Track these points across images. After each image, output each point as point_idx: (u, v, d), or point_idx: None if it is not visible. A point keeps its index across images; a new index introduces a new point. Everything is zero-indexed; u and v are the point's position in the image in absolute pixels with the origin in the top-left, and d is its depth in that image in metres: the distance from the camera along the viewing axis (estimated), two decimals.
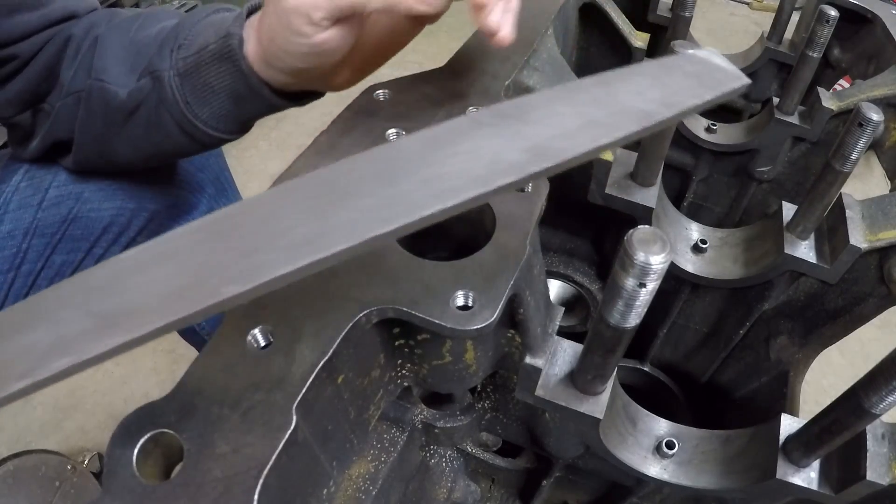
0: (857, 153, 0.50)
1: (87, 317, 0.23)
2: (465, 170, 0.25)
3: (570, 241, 0.71)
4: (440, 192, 0.24)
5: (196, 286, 0.22)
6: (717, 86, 0.30)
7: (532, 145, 0.26)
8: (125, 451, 0.26)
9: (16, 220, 0.71)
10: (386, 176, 0.24)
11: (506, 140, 0.26)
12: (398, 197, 0.24)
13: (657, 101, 0.29)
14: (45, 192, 0.72)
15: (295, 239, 0.22)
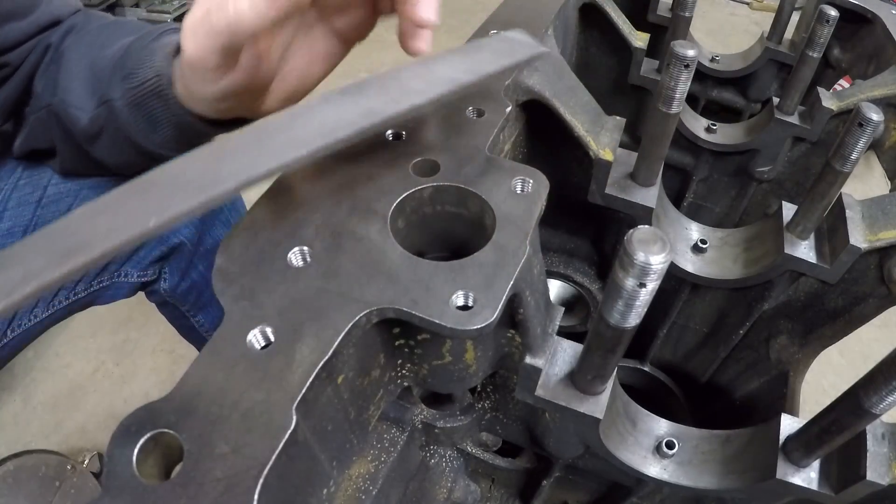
0: (857, 153, 0.50)
1: (48, 254, 0.30)
2: (314, 129, 0.34)
3: (570, 241, 0.71)
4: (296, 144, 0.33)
5: (128, 223, 0.30)
6: (514, 54, 0.39)
7: (366, 109, 0.35)
8: (125, 451, 0.26)
9: (15, 217, 0.71)
10: (259, 140, 0.34)
11: (347, 108, 0.35)
12: (267, 151, 0.33)
13: (463, 70, 0.38)
14: (43, 189, 0.73)
15: (196, 184, 0.31)
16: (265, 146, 0.33)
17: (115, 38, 0.59)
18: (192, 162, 0.33)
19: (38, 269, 0.30)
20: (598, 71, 0.84)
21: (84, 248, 0.30)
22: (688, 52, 0.45)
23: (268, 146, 0.33)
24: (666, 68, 0.47)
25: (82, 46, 0.60)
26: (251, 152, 0.33)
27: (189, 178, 0.32)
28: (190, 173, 0.32)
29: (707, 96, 0.97)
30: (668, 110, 0.50)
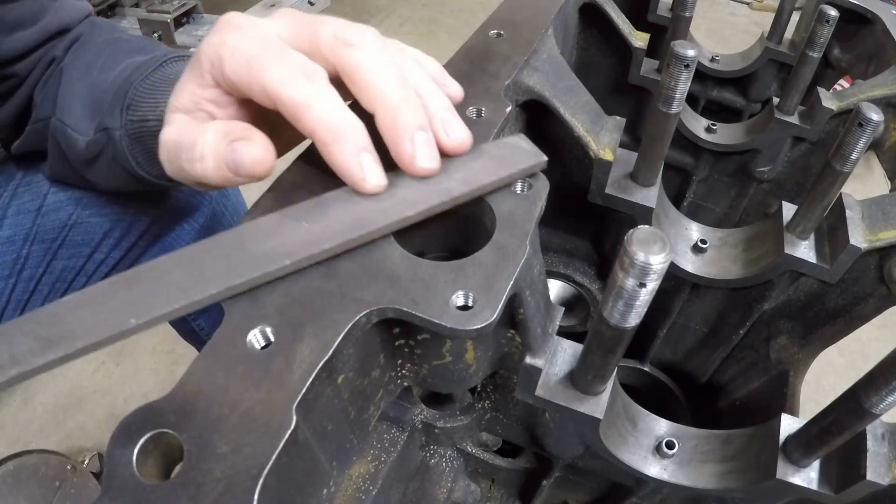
0: (857, 153, 0.50)
1: (34, 340, 0.31)
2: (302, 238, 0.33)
3: (570, 241, 0.71)
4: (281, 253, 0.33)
5: (110, 319, 0.31)
6: (515, 164, 0.37)
7: (354, 219, 0.34)
8: (125, 451, 0.26)
9: (15, 225, 0.71)
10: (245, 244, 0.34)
11: (336, 216, 0.34)
12: (252, 257, 0.33)
13: (459, 179, 0.36)
14: (43, 197, 0.72)
15: (180, 286, 0.32)
16: (250, 251, 0.33)
17: (117, 60, 0.58)
18: (179, 261, 0.33)
19: (22, 354, 0.30)
20: (598, 71, 0.84)
21: (68, 338, 0.31)
22: (688, 52, 0.45)
23: (253, 251, 0.33)
24: (666, 68, 0.47)
25: (83, 65, 0.59)
26: (236, 257, 0.33)
27: (174, 280, 0.32)
28: (176, 274, 0.33)
29: (707, 96, 0.97)
30: (668, 110, 0.50)
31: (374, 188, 0.35)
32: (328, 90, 0.35)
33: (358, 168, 0.34)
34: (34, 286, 0.73)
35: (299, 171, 0.40)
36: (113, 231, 0.77)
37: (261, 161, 0.36)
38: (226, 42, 0.36)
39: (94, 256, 0.76)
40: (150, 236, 0.80)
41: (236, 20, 0.37)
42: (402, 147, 0.35)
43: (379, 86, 0.35)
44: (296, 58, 0.36)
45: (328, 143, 0.34)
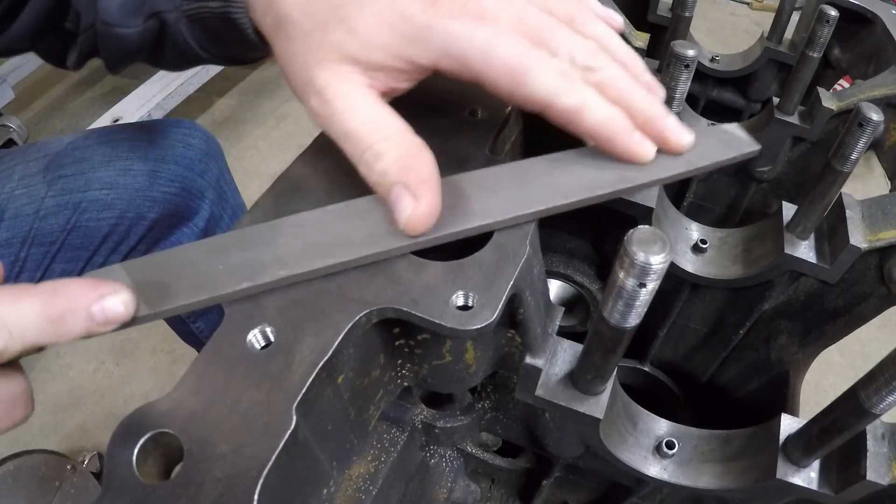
0: (857, 153, 0.50)
1: (301, 244, 0.31)
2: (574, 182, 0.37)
3: (570, 241, 0.70)
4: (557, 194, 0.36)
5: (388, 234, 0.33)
6: (733, 150, 0.39)
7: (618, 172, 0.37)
8: (125, 451, 0.26)
9: (12, 228, 0.71)
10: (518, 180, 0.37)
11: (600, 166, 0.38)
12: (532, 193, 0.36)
13: (697, 154, 0.38)
14: (41, 200, 0.72)
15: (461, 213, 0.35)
16: (529, 189, 0.36)
17: None
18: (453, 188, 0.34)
19: (290, 257, 0.30)
20: None
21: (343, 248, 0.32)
22: (688, 52, 0.45)
23: (532, 189, 0.36)
24: (666, 68, 0.47)
25: None
26: (513, 191, 0.35)
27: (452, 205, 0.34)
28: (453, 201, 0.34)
29: (707, 96, 0.97)
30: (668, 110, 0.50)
31: (653, 153, 0.37)
32: (589, 90, 0.36)
33: (642, 147, 0.37)
34: None
35: (298, 172, 0.40)
36: (112, 235, 0.76)
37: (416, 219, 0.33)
38: (474, 39, 0.34)
39: (93, 260, 0.76)
40: (149, 240, 0.80)
41: (471, 6, 0.35)
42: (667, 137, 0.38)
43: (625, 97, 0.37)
44: (552, 62, 0.35)
45: (610, 138, 0.36)
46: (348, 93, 0.35)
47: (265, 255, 0.31)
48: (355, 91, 0.35)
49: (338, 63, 0.35)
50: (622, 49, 0.40)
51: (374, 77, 0.35)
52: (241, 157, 1.93)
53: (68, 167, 0.74)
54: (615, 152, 0.37)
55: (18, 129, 1.90)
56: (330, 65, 0.35)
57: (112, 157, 0.76)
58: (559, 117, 0.36)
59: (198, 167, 0.82)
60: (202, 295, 0.30)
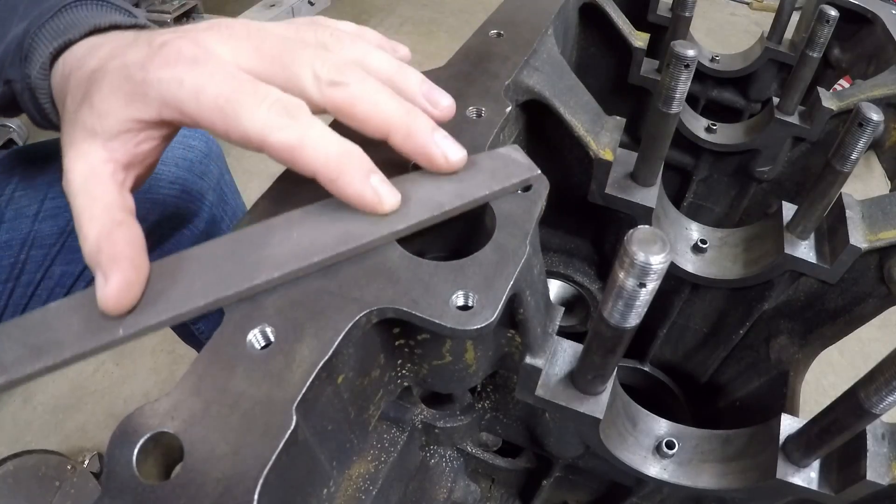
0: (857, 153, 0.50)
1: (22, 347, 0.31)
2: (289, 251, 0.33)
3: (570, 241, 0.71)
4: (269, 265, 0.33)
5: (99, 328, 0.31)
6: (508, 178, 0.37)
7: (343, 232, 0.34)
8: (125, 451, 0.26)
9: (12, 230, 0.70)
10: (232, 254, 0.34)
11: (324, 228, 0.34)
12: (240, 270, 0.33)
13: (451, 192, 0.36)
14: (40, 202, 0.72)
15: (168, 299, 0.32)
16: (243, 262, 0.33)
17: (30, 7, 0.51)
18: (166, 269, 0.33)
19: (10, 362, 0.30)
20: (598, 71, 0.84)
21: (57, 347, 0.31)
22: (688, 52, 0.45)
23: (245, 262, 0.33)
24: (666, 68, 0.47)
25: (4, 10, 0.52)
26: (224, 268, 0.33)
27: (162, 289, 0.32)
28: (162, 283, 0.32)
29: (707, 96, 0.97)
30: (668, 110, 0.50)
31: (393, 206, 0.34)
32: (315, 124, 0.34)
33: (372, 194, 0.34)
34: (32, 291, 0.73)
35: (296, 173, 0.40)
36: None
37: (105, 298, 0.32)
38: (184, 83, 0.33)
39: None
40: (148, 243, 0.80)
41: (187, 50, 0.34)
42: (432, 153, 0.35)
43: (381, 112, 0.35)
44: (270, 94, 0.34)
45: (334, 179, 0.33)
46: (81, 172, 0.35)
47: None
48: (89, 168, 0.35)
49: (81, 141, 0.35)
50: (384, 62, 0.38)
51: (113, 149, 0.35)
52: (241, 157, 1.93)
53: None
54: (345, 197, 0.34)
55: (18, 130, 1.90)
56: (76, 144, 0.35)
57: None
58: (278, 156, 0.33)
59: (198, 169, 0.82)
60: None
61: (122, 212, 0.35)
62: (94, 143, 0.35)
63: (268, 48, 0.36)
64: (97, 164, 0.35)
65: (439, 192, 0.36)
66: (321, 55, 0.35)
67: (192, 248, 0.34)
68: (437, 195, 0.36)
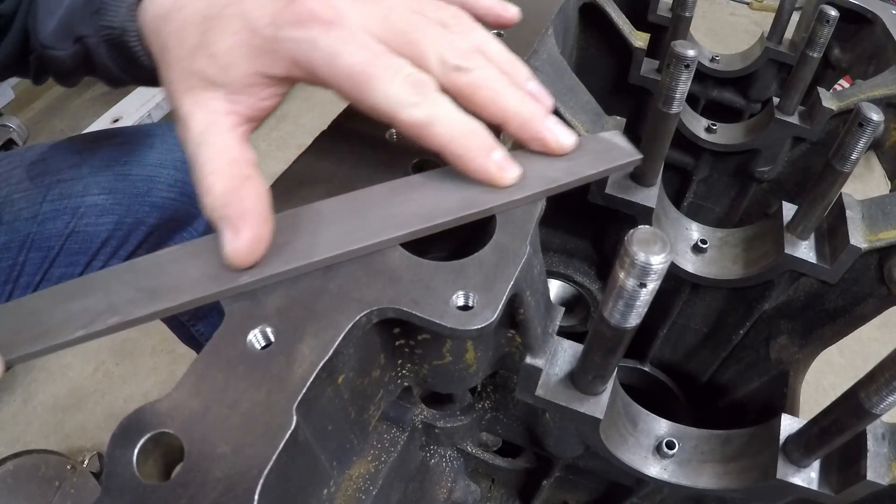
0: (857, 153, 0.50)
1: (134, 290, 0.31)
2: (413, 211, 0.35)
3: (570, 241, 0.71)
4: (392, 226, 0.34)
5: (216, 276, 0.31)
6: (612, 160, 0.39)
7: (464, 197, 0.35)
8: (125, 451, 0.26)
9: (10, 232, 0.70)
10: (356, 212, 0.35)
11: (446, 193, 0.36)
12: (364, 227, 0.34)
13: (562, 169, 0.38)
14: (39, 205, 0.71)
15: (293, 250, 0.33)
16: (363, 221, 0.34)
17: None
18: (289, 223, 0.34)
19: (123, 303, 0.31)
20: (598, 71, 0.84)
21: (173, 291, 0.31)
22: (688, 52, 0.45)
23: (366, 221, 0.34)
24: (666, 68, 0.47)
25: None
26: (348, 225, 0.33)
27: (284, 242, 0.33)
28: (287, 237, 0.33)
29: (707, 96, 0.97)
30: (668, 110, 0.50)
31: (514, 180, 0.36)
32: (443, 101, 0.35)
33: (496, 168, 0.35)
34: None
35: (298, 173, 0.40)
36: (110, 240, 0.76)
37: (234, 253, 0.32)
38: (318, 46, 0.33)
39: (92, 265, 0.76)
40: (148, 245, 0.80)
41: (319, 11, 0.34)
42: (546, 138, 0.37)
43: (500, 99, 0.36)
44: (402, 70, 0.34)
45: (461, 155, 0.35)
46: (202, 122, 0.35)
47: (100, 304, 0.32)
48: (210, 119, 0.35)
49: (201, 90, 0.35)
50: (502, 53, 0.39)
51: (235, 101, 0.35)
52: None
53: (67, 171, 0.74)
54: (469, 171, 0.35)
55: (18, 129, 1.90)
56: (194, 93, 0.35)
57: (111, 161, 0.76)
58: (407, 132, 0.34)
59: None
60: (42, 344, 0.31)
61: (249, 166, 0.35)
62: (216, 93, 0.35)
63: (395, 19, 0.36)
64: (219, 116, 0.35)
65: (552, 168, 0.37)
66: (447, 38, 0.36)
67: (312, 204, 0.35)
68: (550, 171, 0.37)
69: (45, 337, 0.31)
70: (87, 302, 0.32)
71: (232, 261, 0.32)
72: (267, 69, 0.35)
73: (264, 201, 0.34)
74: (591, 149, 0.39)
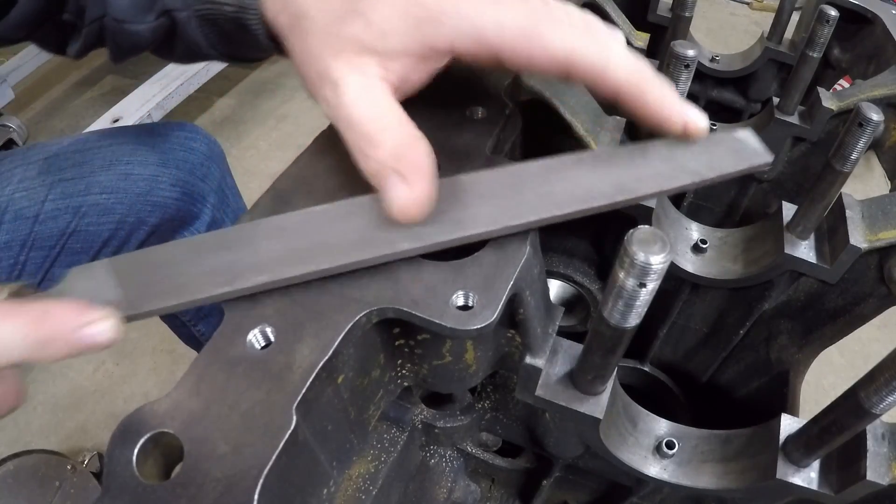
0: (857, 153, 0.50)
1: (284, 248, 0.30)
2: (570, 191, 0.34)
3: (570, 240, 0.70)
4: (551, 204, 0.34)
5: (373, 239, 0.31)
6: (749, 160, 0.38)
7: (618, 183, 0.35)
8: (125, 451, 0.26)
9: (12, 231, 0.70)
10: (514, 188, 0.34)
11: (600, 176, 0.35)
12: (522, 203, 0.34)
13: (705, 164, 0.37)
14: (41, 204, 0.71)
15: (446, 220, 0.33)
16: (521, 197, 0.34)
17: None
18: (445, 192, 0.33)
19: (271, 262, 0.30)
20: None
21: (327, 254, 0.30)
22: (688, 52, 0.45)
23: (524, 197, 0.34)
24: (666, 68, 0.47)
25: None
26: (506, 200, 0.33)
27: (441, 212, 0.32)
28: (444, 207, 0.32)
29: (707, 96, 0.97)
30: None
31: (702, 126, 0.35)
32: (614, 39, 0.34)
33: (681, 107, 0.35)
34: None
35: (298, 172, 0.40)
36: (112, 240, 0.76)
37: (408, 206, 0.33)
38: (486, 14, 0.34)
39: None
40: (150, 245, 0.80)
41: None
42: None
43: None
44: (572, 13, 0.34)
45: (642, 91, 0.34)
46: (359, 83, 0.34)
47: (246, 259, 0.31)
48: (366, 82, 0.35)
49: (355, 55, 0.35)
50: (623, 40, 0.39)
51: (389, 68, 0.35)
52: (241, 157, 1.93)
53: (68, 170, 0.74)
54: (649, 108, 0.35)
55: (18, 129, 1.90)
56: (347, 56, 0.35)
57: (113, 160, 0.76)
58: (584, 72, 0.34)
59: (199, 171, 0.81)
60: (182, 298, 0.30)
61: (416, 128, 0.34)
62: (371, 59, 0.35)
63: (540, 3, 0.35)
64: (375, 80, 0.35)
65: (696, 161, 0.37)
66: (586, 16, 0.36)
67: (469, 174, 0.35)
68: (695, 164, 0.36)
69: (182, 291, 0.30)
70: (230, 257, 0.30)
71: (404, 214, 0.32)
72: (430, 40, 0.35)
73: (434, 163, 0.33)
74: (728, 146, 0.38)
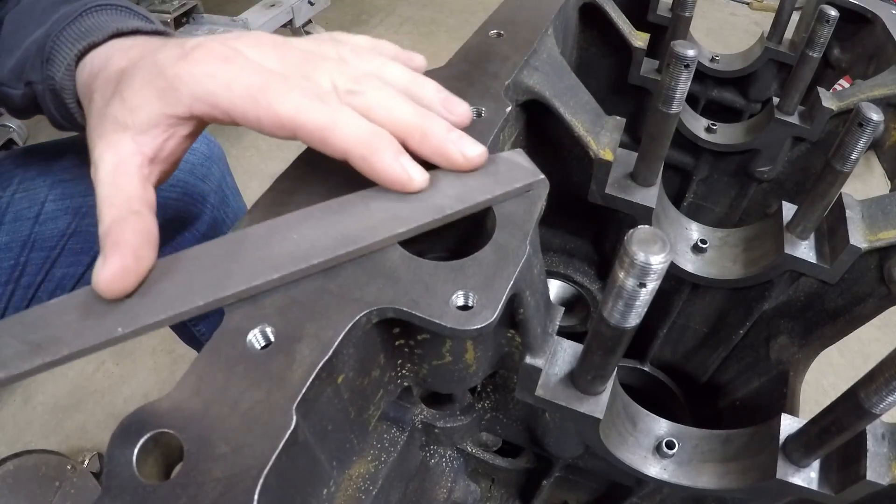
0: (857, 153, 0.50)
1: (21, 343, 0.31)
2: (289, 252, 0.33)
3: (570, 241, 0.71)
4: (269, 267, 0.33)
5: (97, 326, 0.31)
6: (511, 182, 0.37)
7: (343, 235, 0.34)
8: (125, 451, 0.26)
9: (12, 231, 0.70)
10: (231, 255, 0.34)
11: (325, 230, 0.34)
12: (239, 270, 0.33)
13: (453, 196, 0.36)
14: (41, 205, 0.72)
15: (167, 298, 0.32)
16: (242, 262, 0.33)
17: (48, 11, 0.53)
18: (169, 268, 0.33)
19: (9, 357, 0.30)
20: (598, 71, 0.84)
21: (55, 344, 0.31)
22: (688, 52, 0.45)
23: (245, 262, 0.33)
24: (666, 68, 0.47)
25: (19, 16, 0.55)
26: (226, 268, 0.33)
27: (162, 289, 0.32)
28: (164, 283, 0.33)
29: (707, 96, 0.97)
30: (668, 110, 0.50)
31: (423, 183, 0.36)
32: (344, 107, 0.35)
33: (402, 170, 0.35)
34: (33, 293, 0.73)
35: (297, 173, 0.40)
36: None
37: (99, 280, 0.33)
38: (217, 76, 0.35)
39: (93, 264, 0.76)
40: None
41: (218, 50, 0.36)
42: (448, 152, 0.37)
43: (396, 117, 0.36)
44: (300, 82, 0.35)
45: (366, 157, 0.35)
46: (111, 163, 0.36)
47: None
48: (118, 160, 0.36)
49: (113, 132, 0.36)
50: (401, 74, 0.39)
51: (141, 142, 0.36)
52: (241, 157, 1.93)
53: (68, 171, 0.74)
54: (375, 174, 0.35)
55: (18, 130, 1.90)
56: (106, 136, 0.37)
57: None
58: (310, 137, 0.35)
59: (200, 171, 0.81)
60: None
61: (140, 203, 0.36)
62: (125, 135, 0.36)
63: (291, 57, 0.37)
64: (126, 156, 0.36)
65: (442, 195, 0.36)
66: (340, 67, 0.37)
67: (192, 248, 0.34)
68: (440, 199, 0.36)
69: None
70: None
71: (96, 287, 0.32)
72: (170, 109, 0.36)
73: (144, 237, 0.34)
74: (489, 171, 0.37)
